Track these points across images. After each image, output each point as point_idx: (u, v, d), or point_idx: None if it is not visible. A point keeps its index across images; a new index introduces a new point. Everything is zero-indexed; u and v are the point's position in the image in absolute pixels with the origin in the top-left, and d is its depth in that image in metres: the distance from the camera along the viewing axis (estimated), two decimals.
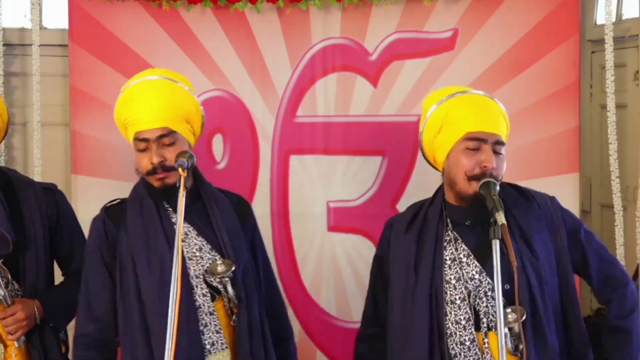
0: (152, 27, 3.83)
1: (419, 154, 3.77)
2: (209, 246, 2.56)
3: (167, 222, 2.54)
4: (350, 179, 3.87)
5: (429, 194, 3.78)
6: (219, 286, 2.52)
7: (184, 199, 2.36)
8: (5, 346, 2.75)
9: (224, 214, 2.60)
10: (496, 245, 2.22)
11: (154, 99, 2.52)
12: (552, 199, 2.55)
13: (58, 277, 3.01)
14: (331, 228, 3.88)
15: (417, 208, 2.60)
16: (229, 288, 2.50)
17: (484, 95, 2.53)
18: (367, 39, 3.82)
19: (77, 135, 3.85)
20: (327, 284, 3.86)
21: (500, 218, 2.26)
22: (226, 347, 2.51)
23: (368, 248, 3.85)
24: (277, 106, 3.86)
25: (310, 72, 3.84)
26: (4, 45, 4.00)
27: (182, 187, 2.38)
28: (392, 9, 3.77)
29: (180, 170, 2.42)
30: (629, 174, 3.93)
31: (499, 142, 2.43)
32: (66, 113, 3.98)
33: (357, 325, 3.82)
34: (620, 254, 3.80)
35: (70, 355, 2.89)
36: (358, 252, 3.87)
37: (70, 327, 3.30)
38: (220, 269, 2.49)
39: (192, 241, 2.55)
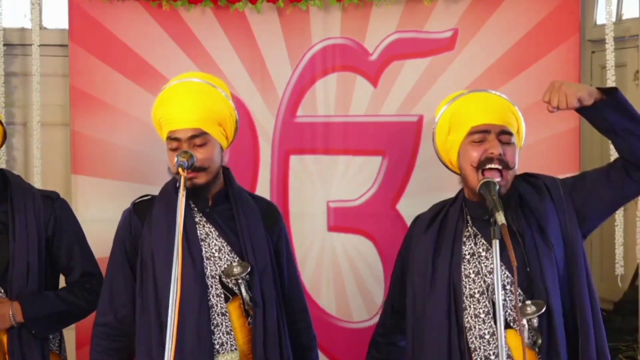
0: (152, 27, 3.83)
1: (419, 153, 3.81)
2: (229, 248, 2.59)
3: (190, 222, 2.57)
4: (350, 179, 3.87)
5: (429, 193, 3.78)
6: (235, 288, 2.56)
7: (184, 199, 2.37)
8: None
9: (248, 218, 2.64)
10: (496, 245, 2.23)
11: (189, 100, 2.56)
12: (557, 181, 2.55)
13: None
14: (331, 228, 3.88)
15: (440, 206, 2.64)
16: (243, 290, 2.54)
17: (489, 92, 2.55)
18: (367, 39, 3.82)
19: (77, 135, 3.85)
20: (327, 284, 3.87)
21: (500, 218, 2.26)
22: (235, 349, 2.55)
23: (368, 248, 3.86)
24: (277, 106, 3.86)
25: (310, 72, 3.84)
26: (4, 45, 4.00)
27: (182, 187, 2.38)
28: (392, 9, 3.77)
29: (180, 170, 2.43)
30: None
31: (505, 132, 2.45)
32: (66, 113, 3.98)
33: (357, 325, 3.88)
34: (619, 253, 3.81)
35: None
36: (358, 252, 3.87)
37: (70, 340, 3.31)
38: (236, 270, 2.53)
39: (213, 242, 2.59)
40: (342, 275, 3.88)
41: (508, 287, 2.40)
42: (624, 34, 3.99)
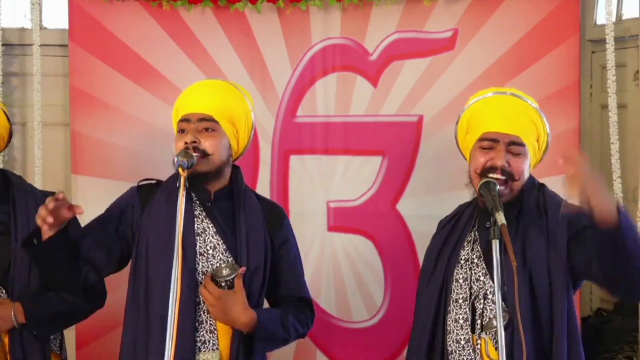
0: (152, 27, 3.84)
1: (419, 153, 3.81)
2: (224, 246, 2.56)
3: (189, 214, 2.53)
4: (350, 179, 3.87)
5: (429, 194, 3.79)
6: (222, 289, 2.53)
7: (184, 199, 2.37)
8: None
9: (249, 217, 2.60)
10: (496, 245, 2.23)
11: (207, 91, 2.63)
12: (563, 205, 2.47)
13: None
14: (331, 228, 3.88)
15: (461, 207, 2.64)
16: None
17: (513, 95, 2.51)
18: (367, 39, 3.82)
19: (77, 135, 3.85)
20: (327, 284, 3.87)
21: (500, 218, 2.26)
22: (217, 349, 2.52)
23: (368, 248, 3.86)
24: (277, 106, 3.86)
25: (310, 72, 3.84)
26: (4, 45, 4.00)
27: (182, 187, 2.38)
28: (392, 9, 3.77)
29: (180, 170, 2.42)
30: (629, 174, 3.93)
31: (515, 143, 2.43)
32: (66, 113, 3.98)
33: (357, 325, 3.88)
34: None
35: None
36: (358, 252, 3.87)
37: (70, 341, 3.30)
38: (224, 272, 2.50)
39: (209, 238, 2.56)
40: (342, 275, 3.88)
41: (490, 296, 2.40)
42: (624, 34, 3.99)
